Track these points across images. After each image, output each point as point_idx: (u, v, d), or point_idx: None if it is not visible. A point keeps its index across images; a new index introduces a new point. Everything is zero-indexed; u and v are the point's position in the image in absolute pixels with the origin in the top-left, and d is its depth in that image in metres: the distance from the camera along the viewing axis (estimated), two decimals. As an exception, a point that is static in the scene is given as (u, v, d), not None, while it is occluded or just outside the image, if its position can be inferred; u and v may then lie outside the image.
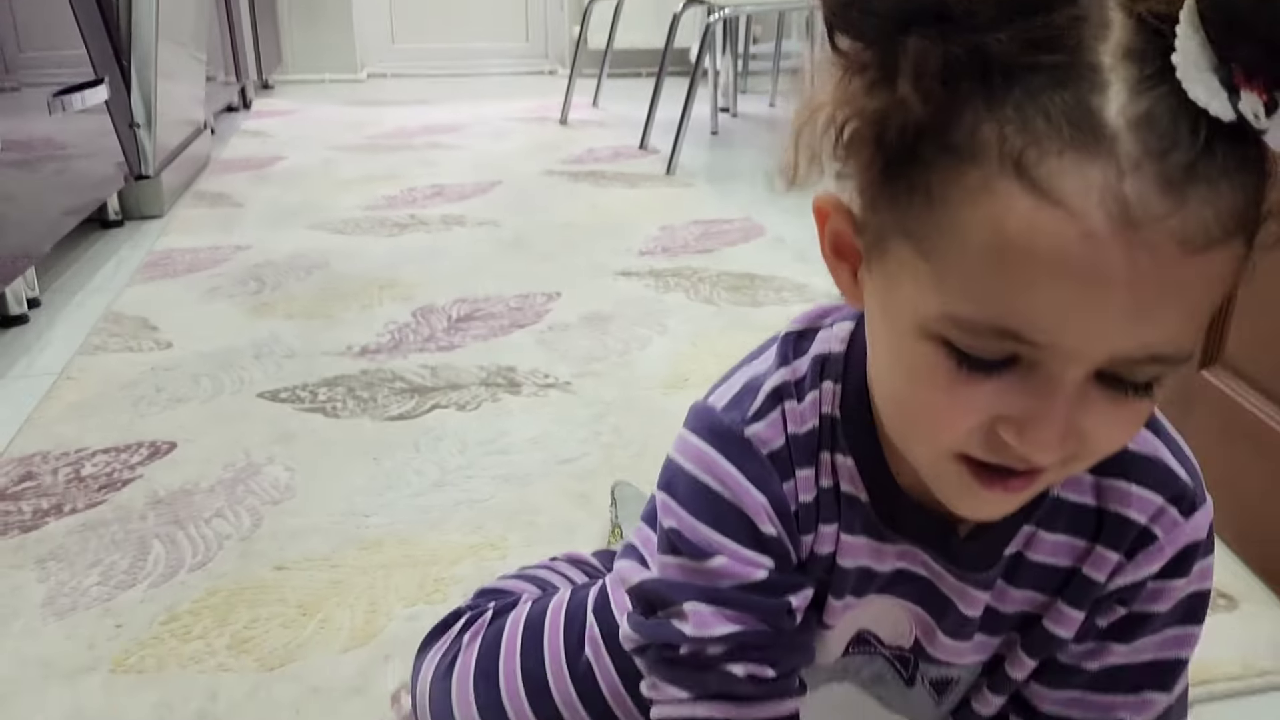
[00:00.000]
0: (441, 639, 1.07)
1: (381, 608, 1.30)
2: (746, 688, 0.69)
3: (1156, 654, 0.73)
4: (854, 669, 0.79)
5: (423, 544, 1.43)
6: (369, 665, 1.20)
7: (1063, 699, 0.76)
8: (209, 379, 1.92)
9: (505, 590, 1.14)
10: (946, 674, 0.78)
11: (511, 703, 1.01)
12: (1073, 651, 0.74)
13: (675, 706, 0.71)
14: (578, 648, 1.01)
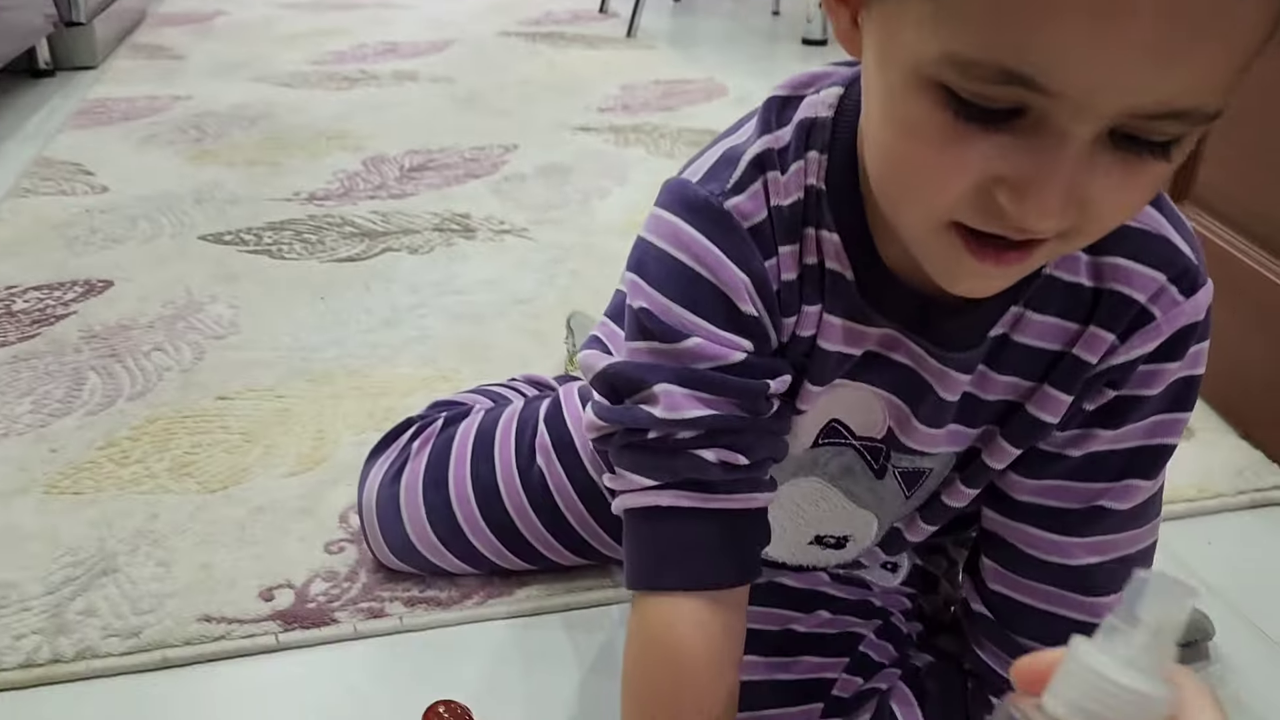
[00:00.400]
0: (390, 448, 1.04)
1: (330, 435, 1.26)
2: (717, 474, 0.65)
3: (1143, 440, 0.69)
4: (822, 462, 0.76)
5: (373, 376, 1.38)
6: (317, 489, 1.16)
7: (1040, 487, 0.72)
8: (147, 221, 1.83)
9: (458, 402, 1.11)
10: (918, 465, 0.75)
11: (461, 509, 0.98)
12: (1056, 438, 0.70)
13: (640, 495, 0.67)
14: (529, 456, 0.98)
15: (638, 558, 0.68)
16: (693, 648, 0.65)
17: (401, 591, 1.02)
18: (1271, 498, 1.19)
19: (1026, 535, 0.73)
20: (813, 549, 0.83)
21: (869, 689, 0.81)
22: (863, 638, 0.83)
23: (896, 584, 0.88)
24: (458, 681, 0.94)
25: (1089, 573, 0.72)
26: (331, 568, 1.05)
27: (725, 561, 0.66)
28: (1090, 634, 0.76)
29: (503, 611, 1.01)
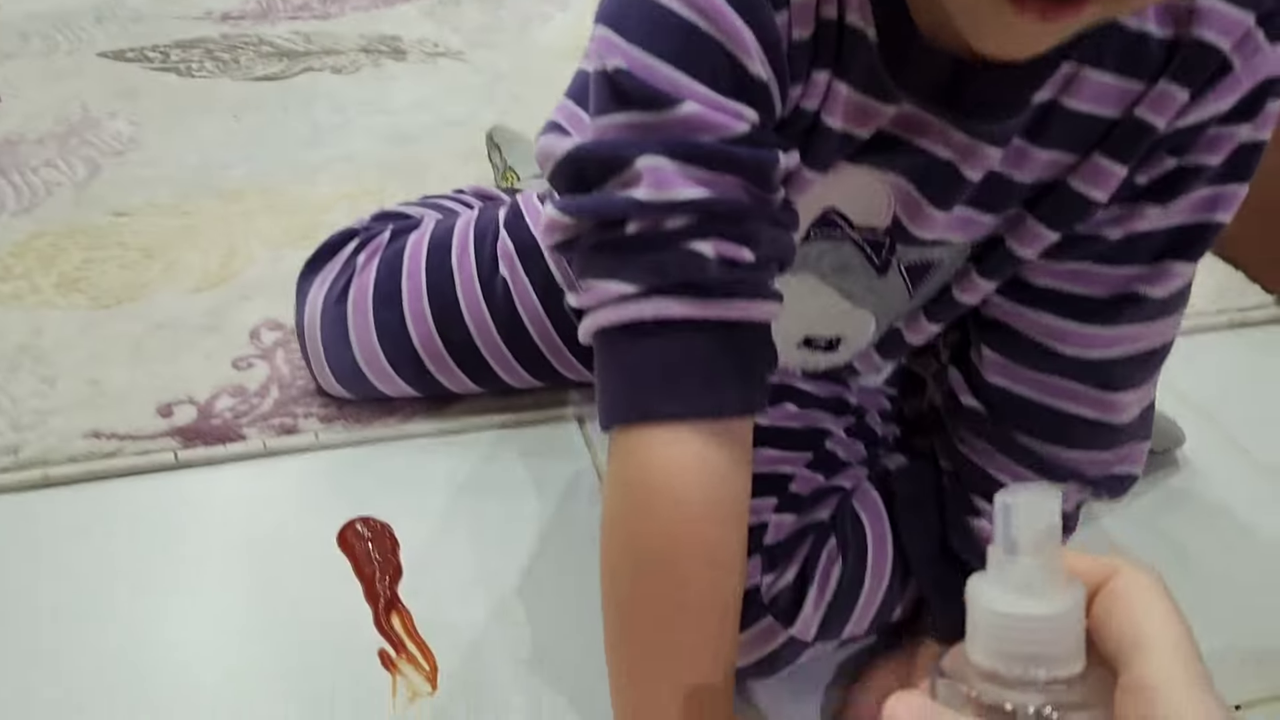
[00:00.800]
0: (330, 263, 0.92)
1: (241, 251, 1.14)
2: (716, 273, 0.51)
3: (1192, 215, 0.58)
4: (814, 257, 0.64)
5: (290, 194, 1.26)
6: (224, 305, 1.05)
7: (1065, 271, 0.61)
8: (40, 38, 1.66)
9: (404, 214, 0.99)
10: (927, 257, 0.63)
11: (416, 327, 0.88)
12: (1095, 218, 0.59)
13: (617, 308, 0.52)
14: (490, 265, 0.87)
15: (617, 387, 0.54)
16: (694, 492, 0.53)
17: (318, 407, 0.93)
18: (1251, 317, 1.13)
19: (1043, 324, 0.63)
20: (800, 352, 0.73)
21: (830, 486, 0.72)
22: (830, 434, 0.74)
23: (878, 383, 0.80)
24: (378, 501, 0.85)
25: (1109, 367, 0.62)
26: (240, 384, 0.95)
27: (729, 385, 0.53)
28: (1092, 442, 0.70)
29: (429, 429, 0.92)
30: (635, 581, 0.55)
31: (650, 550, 0.53)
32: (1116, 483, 0.68)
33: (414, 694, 0.70)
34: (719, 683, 0.54)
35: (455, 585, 0.78)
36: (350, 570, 0.79)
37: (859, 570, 0.69)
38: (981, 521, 0.68)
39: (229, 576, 0.78)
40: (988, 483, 0.68)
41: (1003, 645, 0.30)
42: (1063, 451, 0.65)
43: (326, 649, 0.73)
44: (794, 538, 0.69)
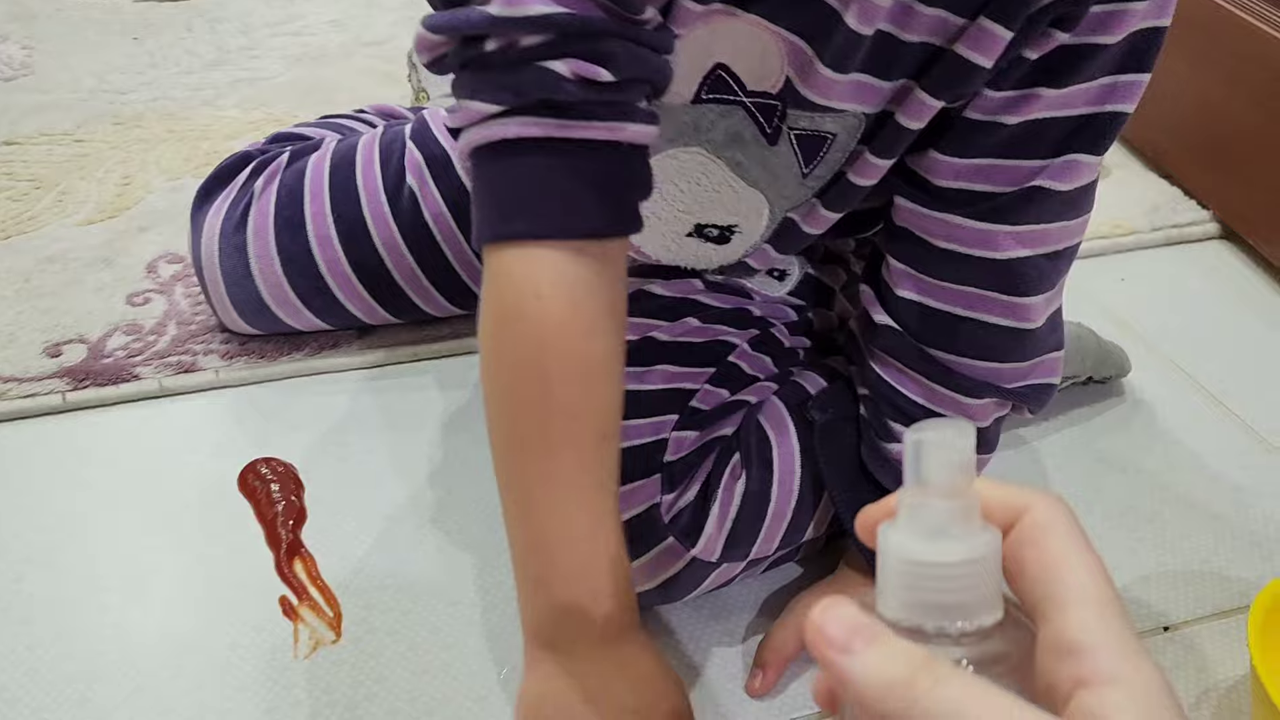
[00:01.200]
0: (225, 189, 0.86)
1: (139, 180, 1.07)
2: (572, 93, 0.50)
3: (1091, 105, 0.58)
4: (705, 125, 0.62)
5: (192, 120, 1.19)
6: (120, 237, 0.99)
7: (967, 168, 0.60)
8: (-76, -44, 1.55)
9: (302, 135, 0.93)
10: (819, 127, 0.61)
11: (322, 251, 0.83)
12: (990, 101, 0.58)
13: (483, 128, 0.51)
14: (397, 179, 0.83)
15: (485, 204, 0.53)
16: (554, 307, 0.52)
17: (219, 344, 0.88)
18: (1187, 234, 1.11)
19: (947, 226, 0.62)
20: (691, 242, 0.70)
21: (735, 401, 0.69)
22: (734, 347, 0.71)
23: (783, 294, 0.76)
24: (283, 441, 0.81)
25: (1016, 268, 0.62)
26: (135, 320, 0.89)
27: (590, 203, 0.52)
28: (1005, 352, 0.68)
29: (339, 364, 0.87)
30: (509, 396, 0.54)
31: (519, 362, 0.53)
32: (1035, 393, 0.66)
33: (317, 642, 0.67)
34: (607, 515, 0.54)
35: (362, 529, 0.74)
36: (252, 514, 0.75)
37: (764, 486, 0.67)
38: (897, 446, 0.66)
39: (121, 525, 0.74)
40: (903, 405, 0.66)
41: (915, 595, 0.27)
42: (976, 363, 0.64)
43: (226, 598, 0.69)
44: (695, 454, 0.66)
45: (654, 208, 0.68)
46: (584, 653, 0.54)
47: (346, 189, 0.83)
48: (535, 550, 0.54)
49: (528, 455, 0.53)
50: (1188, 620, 0.72)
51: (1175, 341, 0.97)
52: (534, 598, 0.55)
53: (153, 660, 0.65)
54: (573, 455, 0.53)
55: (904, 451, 0.29)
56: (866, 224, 0.72)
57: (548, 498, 0.53)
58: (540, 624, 0.54)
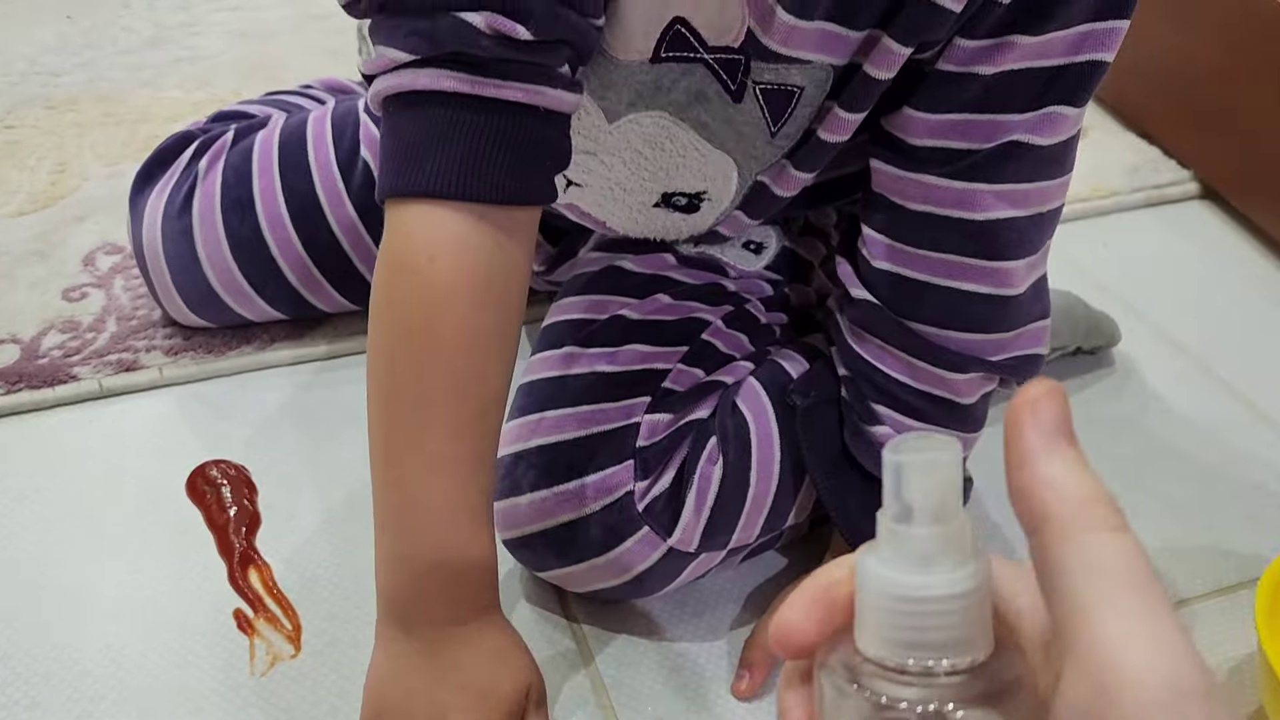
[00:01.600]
0: (166, 172, 0.81)
1: (74, 168, 1.02)
2: (488, 48, 0.48)
3: (1068, 55, 0.55)
4: (667, 85, 0.58)
5: (130, 102, 1.13)
6: (55, 228, 0.94)
7: (943, 123, 0.57)
8: None
9: (246, 113, 0.88)
10: (785, 80, 0.58)
11: (273, 232, 0.78)
12: (963, 50, 0.55)
13: (395, 76, 0.49)
14: (351, 154, 0.79)
15: (390, 156, 0.51)
16: (446, 271, 0.50)
17: (162, 340, 0.83)
18: (1167, 194, 1.08)
19: (923, 187, 0.59)
20: (659, 213, 0.67)
21: (710, 382, 0.66)
22: (707, 324, 0.68)
23: (759, 268, 0.73)
24: (233, 441, 0.76)
25: (996, 231, 0.59)
26: (71, 317, 0.84)
27: (498, 167, 0.50)
28: (988, 321, 0.65)
29: (290, 357, 0.83)
30: (393, 355, 0.52)
31: (403, 323, 0.52)
32: (1022, 365, 0.64)
33: (275, 657, 0.63)
34: (477, 491, 0.53)
35: (321, 534, 0.70)
36: (202, 520, 0.70)
37: (743, 470, 0.64)
38: (881, 429, 0.63)
39: (61, 536, 0.69)
40: (884, 385, 0.63)
41: (896, 632, 0.24)
42: (958, 335, 0.61)
43: (176, 614, 0.65)
44: (670, 439, 0.63)
45: (618, 178, 0.64)
46: (436, 632, 0.53)
47: (298, 166, 0.79)
48: (398, 520, 0.53)
49: (402, 420, 0.52)
50: (1187, 598, 0.69)
51: (1160, 307, 0.94)
52: (392, 570, 0.53)
53: (99, 683, 0.61)
54: (448, 426, 0.51)
55: (884, 471, 0.25)
56: (844, 191, 0.69)
57: (416, 466, 0.52)
58: (395, 599, 0.53)
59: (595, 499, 0.60)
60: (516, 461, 0.61)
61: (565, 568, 0.62)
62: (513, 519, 0.61)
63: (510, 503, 0.61)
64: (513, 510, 0.61)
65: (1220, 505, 0.76)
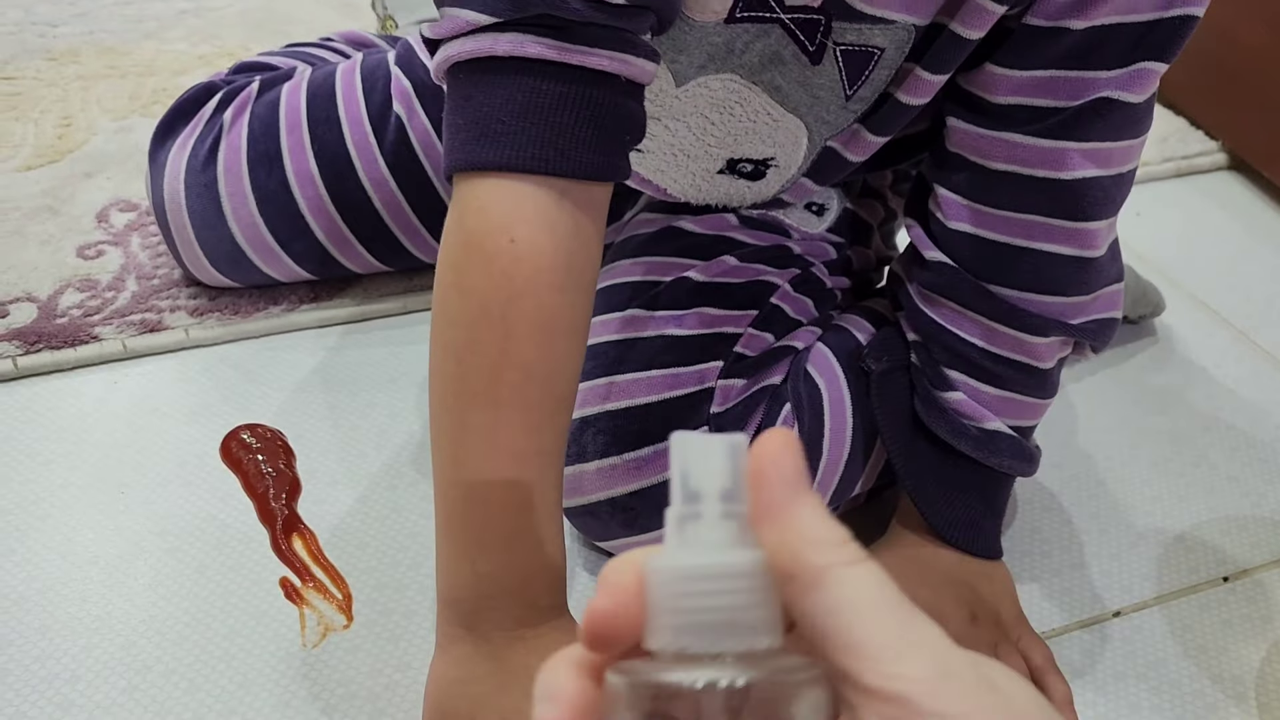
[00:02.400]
0: (189, 123, 0.78)
1: (80, 122, 0.97)
2: (579, 11, 0.45)
3: (1158, 9, 0.54)
4: (739, 48, 0.56)
5: (134, 54, 1.08)
6: (65, 184, 0.90)
7: (1029, 81, 0.56)
8: None
9: (268, 65, 0.84)
10: (866, 41, 0.56)
11: (302, 189, 0.75)
12: (1052, 4, 0.54)
13: (471, 40, 0.46)
14: (382, 108, 0.76)
15: (462, 127, 0.47)
16: (529, 252, 0.46)
17: (186, 300, 0.79)
18: (1196, 165, 1.07)
19: (1009, 146, 0.57)
20: (723, 180, 0.65)
21: (781, 347, 0.64)
22: (776, 288, 0.66)
23: (822, 230, 0.71)
24: (266, 404, 0.73)
25: (1082, 190, 0.57)
26: (88, 275, 0.81)
27: (583, 141, 0.47)
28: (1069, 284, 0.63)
29: (320, 318, 0.80)
30: (463, 340, 0.48)
31: (480, 305, 0.47)
32: (1100, 329, 0.63)
33: (326, 628, 0.60)
34: (549, 487, 0.49)
35: (365, 498, 0.68)
36: (238, 487, 0.68)
37: (816, 438, 0.62)
38: (954, 394, 0.61)
39: (92, 502, 0.66)
40: (960, 349, 0.61)
41: (679, 616, 0.23)
42: (1040, 298, 0.60)
43: (220, 583, 0.62)
44: (744, 405, 0.61)
45: (681, 143, 0.62)
46: (504, 636, 0.49)
47: (327, 119, 0.75)
48: (465, 519, 0.49)
49: (472, 407, 0.48)
50: (1247, 569, 0.68)
51: (1196, 276, 0.93)
52: (456, 565, 0.49)
53: (143, 655, 0.58)
54: (521, 415, 0.48)
55: (670, 462, 0.24)
56: (909, 151, 0.67)
57: (487, 457, 0.48)
58: (460, 596, 0.49)
59: (666, 468, 0.58)
60: (584, 427, 0.59)
61: (632, 536, 0.60)
62: (578, 487, 0.59)
63: (576, 470, 0.59)
64: (578, 477, 0.59)
65: (1274, 473, 0.75)
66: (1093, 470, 0.74)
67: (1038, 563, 0.68)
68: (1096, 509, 0.72)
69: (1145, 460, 0.75)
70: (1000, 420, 0.61)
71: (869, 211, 0.74)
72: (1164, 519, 0.71)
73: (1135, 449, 0.76)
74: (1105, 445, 0.76)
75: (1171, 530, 0.70)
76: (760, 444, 0.24)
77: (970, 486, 0.62)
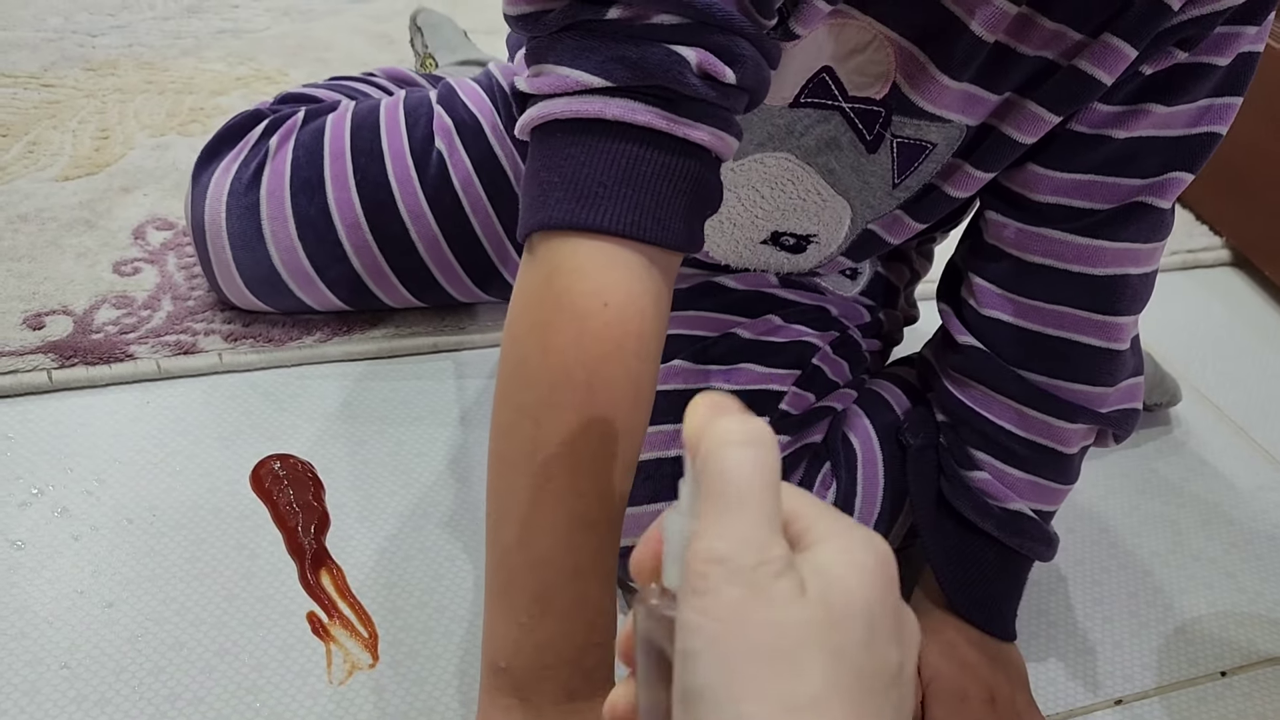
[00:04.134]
0: (235, 147, 0.79)
1: (119, 135, 0.99)
2: (696, 87, 0.45)
3: (1192, 126, 0.58)
4: (799, 130, 0.59)
5: (174, 70, 1.10)
6: (101, 197, 0.90)
7: (1069, 183, 0.59)
8: None
9: (313, 96, 0.86)
10: (923, 136, 0.59)
11: (342, 214, 0.76)
12: (1099, 114, 0.57)
13: (576, 100, 0.45)
14: (424, 143, 0.77)
15: (558, 185, 0.46)
16: (621, 318, 0.46)
17: (220, 324, 0.80)
18: (1200, 259, 1.11)
19: (1046, 242, 0.61)
20: (765, 250, 0.68)
21: (821, 407, 0.67)
22: (817, 349, 0.69)
23: (855, 293, 0.74)
24: (295, 435, 0.74)
25: (1114, 286, 0.61)
26: (124, 292, 0.81)
27: (677, 210, 0.46)
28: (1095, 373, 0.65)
29: (354, 351, 0.81)
30: (543, 401, 0.46)
31: (565, 367, 0.46)
32: (1124, 418, 0.66)
33: (352, 666, 0.61)
34: (610, 556, 0.48)
35: (393, 536, 0.69)
36: (267, 516, 0.68)
37: (850, 497, 0.66)
38: (980, 474, 0.64)
39: (119, 522, 0.66)
40: (991, 433, 0.64)
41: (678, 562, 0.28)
42: (1067, 385, 0.63)
43: (248, 613, 0.63)
44: (789, 461, 0.65)
45: (731, 212, 0.65)
46: (556, 709, 0.47)
47: (370, 151, 0.77)
48: (525, 579, 0.47)
49: (545, 470, 0.47)
50: (1243, 665, 0.71)
51: (1199, 369, 0.96)
52: (511, 632, 0.48)
53: (172, 683, 0.58)
54: (596, 483, 0.47)
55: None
56: (935, 229, 0.71)
57: (555, 523, 0.46)
58: (513, 664, 0.48)
59: None
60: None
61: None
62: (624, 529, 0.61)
63: (638, 510, 0.61)
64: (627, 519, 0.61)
65: (1269, 571, 0.77)
66: (1099, 556, 0.77)
67: (1044, 645, 0.70)
68: (1100, 595, 0.74)
69: (1148, 549, 0.78)
70: (1024, 503, 0.64)
71: (896, 274, 0.78)
72: (1165, 610, 0.73)
73: (1138, 537, 0.79)
74: (1111, 532, 0.79)
75: (1172, 622, 0.73)
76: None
77: (992, 566, 0.64)
